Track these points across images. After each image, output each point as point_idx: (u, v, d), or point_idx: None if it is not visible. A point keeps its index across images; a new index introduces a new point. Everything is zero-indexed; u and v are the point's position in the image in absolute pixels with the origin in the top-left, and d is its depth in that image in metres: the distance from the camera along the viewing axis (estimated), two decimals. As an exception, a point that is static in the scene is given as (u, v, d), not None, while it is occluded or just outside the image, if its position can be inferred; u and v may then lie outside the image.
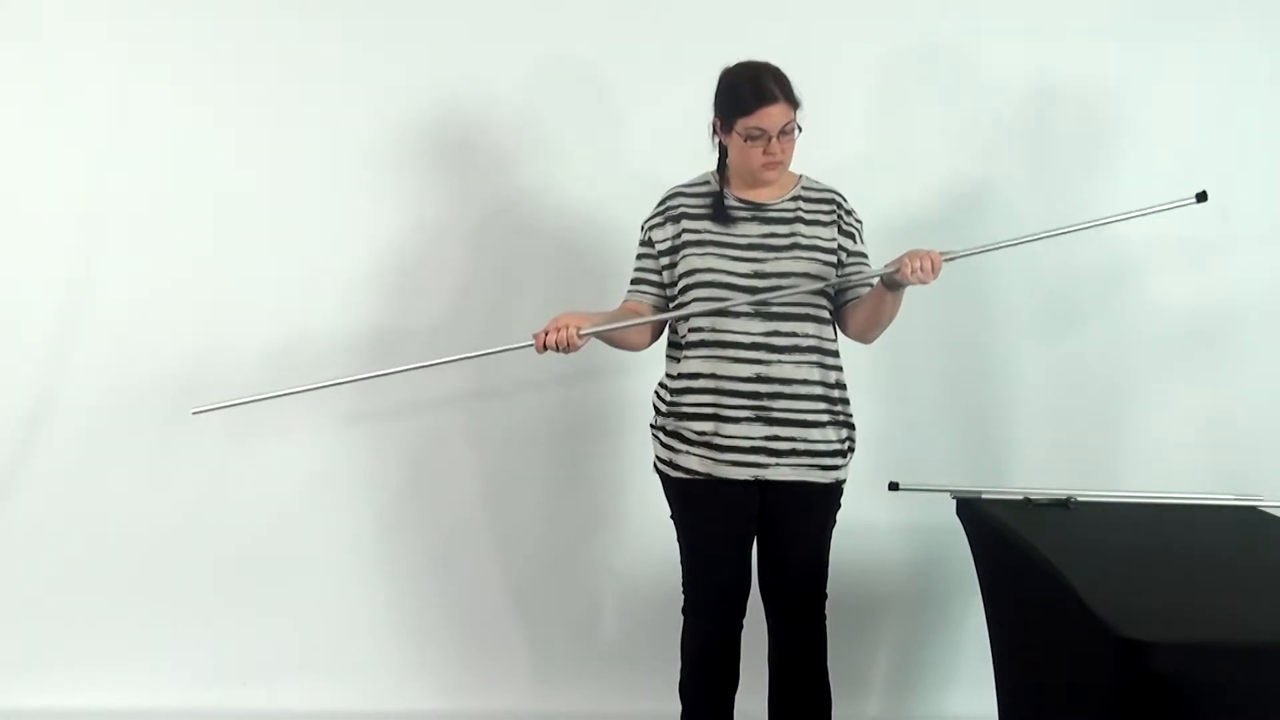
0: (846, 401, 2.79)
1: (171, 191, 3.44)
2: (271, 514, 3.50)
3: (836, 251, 2.74)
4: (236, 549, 3.50)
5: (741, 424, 2.68)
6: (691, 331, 2.72)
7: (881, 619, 3.53)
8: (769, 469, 2.70)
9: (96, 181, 3.44)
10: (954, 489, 2.83)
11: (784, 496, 2.72)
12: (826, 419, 2.72)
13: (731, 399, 2.68)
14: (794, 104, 2.63)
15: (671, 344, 2.80)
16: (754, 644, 2.85)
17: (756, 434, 2.68)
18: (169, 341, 3.45)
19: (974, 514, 2.76)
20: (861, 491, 2.91)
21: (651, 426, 2.84)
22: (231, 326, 3.46)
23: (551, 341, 2.63)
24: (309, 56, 3.41)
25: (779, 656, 2.86)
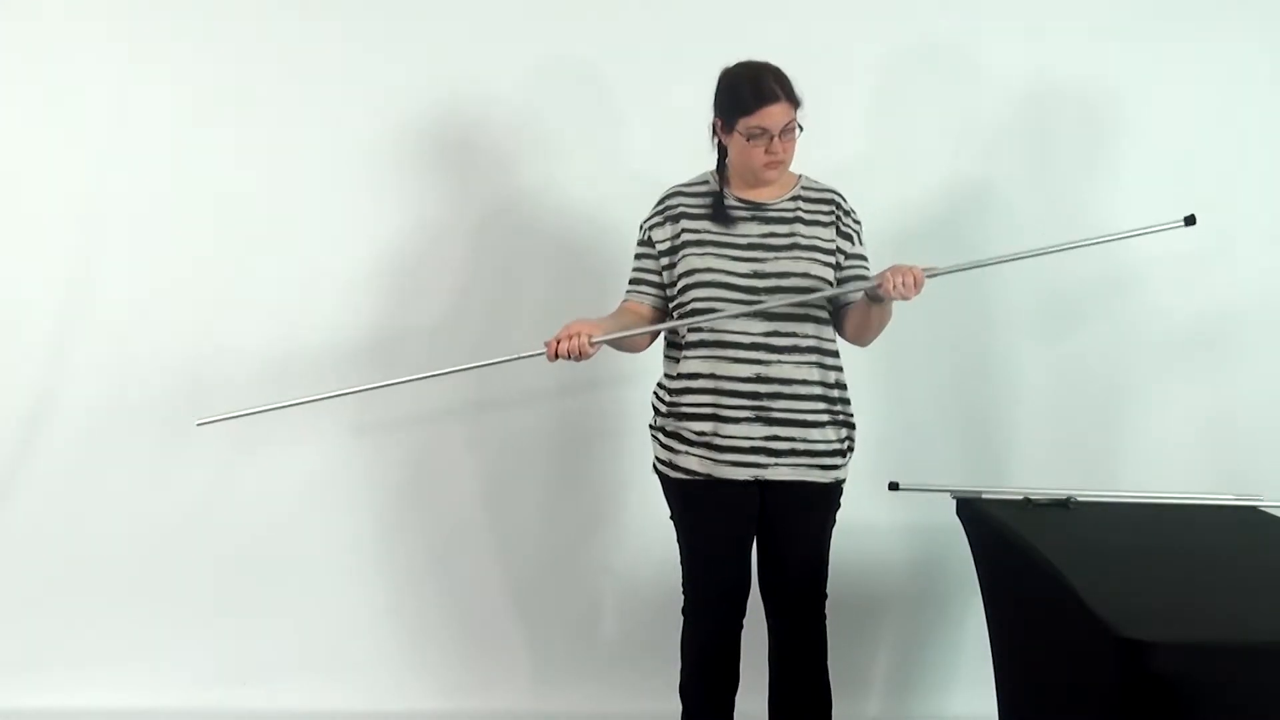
0: (846, 401, 2.79)
1: (171, 191, 3.44)
2: (272, 514, 3.50)
3: (835, 253, 2.74)
4: (237, 549, 3.50)
5: (741, 424, 2.68)
6: (690, 331, 2.72)
7: (881, 619, 3.53)
8: (768, 469, 2.70)
9: (97, 181, 3.44)
10: (954, 489, 2.83)
11: (784, 496, 2.72)
12: (826, 419, 2.73)
13: (731, 399, 2.68)
14: (795, 103, 2.64)
15: (670, 344, 2.80)
16: (754, 644, 2.85)
17: (756, 434, 2.68)
18: (169, 341, 3.45)
19: (974, 514, 2.76)
20: (861, 491, 2.91)
21: (650, 427, 2.84)
22: (232, 326, 3.46)
23: (563, 350, 2.62)
24: (309, 57, 3.41)
25: (779, 656, 2.86)
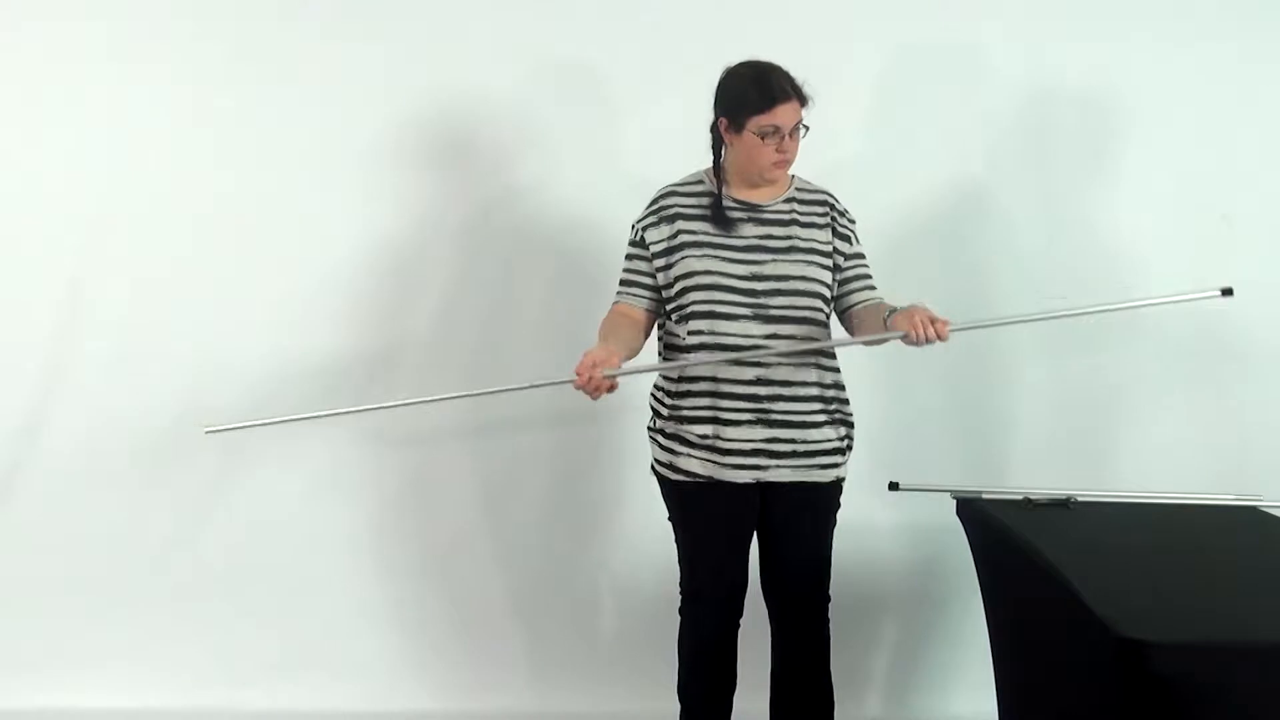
0: (844, 400, 2.80)
1: (170, 192, 3.43)
2: (272, 515, 3.49)
3: (832, 255, 2.74)
4: (237, 549, 3.50)
5: (742, 427, 2.68)
6: (691, 335, 2.71)
7: (881, 619, 3.53)
8: (770, 470, 2.70)
9: (95, 182, 3.43)
10: (954, 489, 2.83)
11: (785, 497, 2.72)
12: (824, 419, 2.73)
13: (731, 401, 2.68)
14: (804, 102, 2.64)
15: (669, 346, 2.79)
16: (752, 643, 2.85)
17: (757, 436, 2.69)
18: (169, 342, 3.45)
19: (974, 514, 2.76)
20: (861, 491, 2.91)
21: (649, 429, 2.84)
22: (232, 326, 3.46)
23: (581, 385, 2.57)
24: (309, 57, 3.40)
25: (782, 657, 2.86)
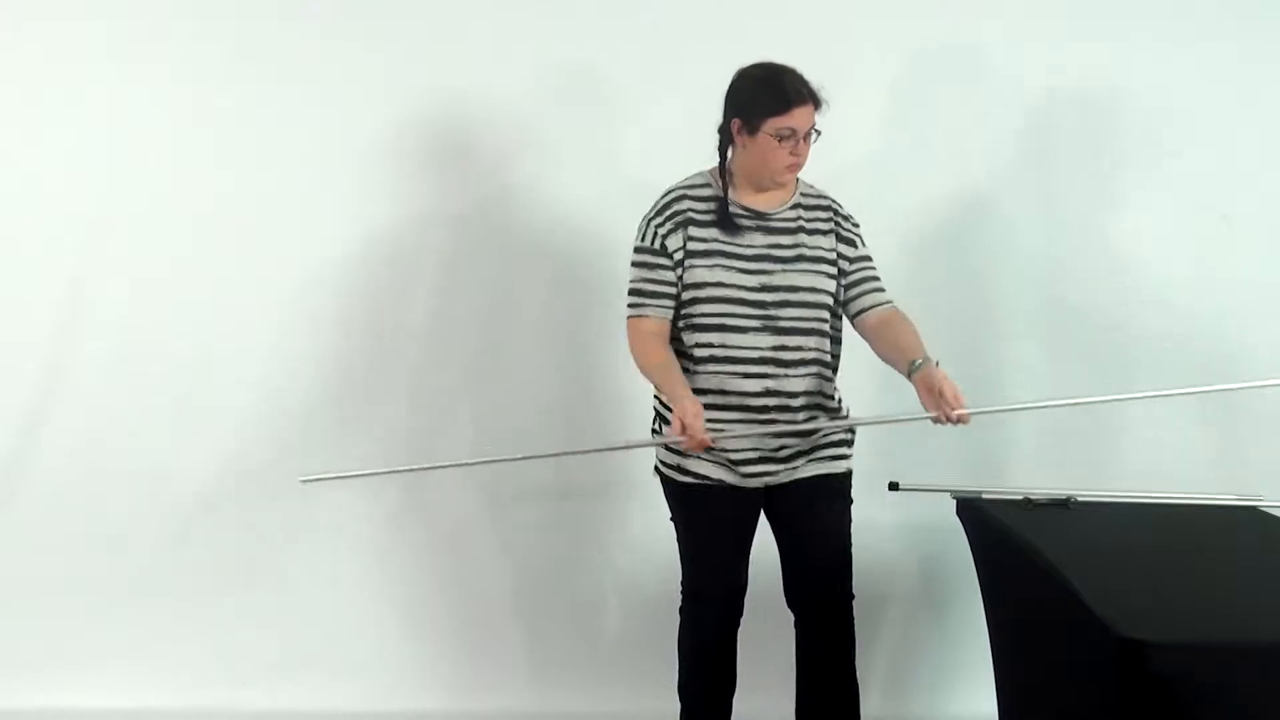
0: (839, 403, 2.79)
1: (170, 191, 3.43)
2: (272, 514, 3.49)
3: (836, 261, 2.72)
4: (237, 549, 3.49)
5: (750, 437, 2.67)
6: (699, 347, 2.68)
7: (881, 619, 3.53)
8: (778, 474, 2.71)
9: (95, 181, 3.43)
10: (954, 489, 2.83)
11: (794, 494, 2.71)
12: (825, 420, 2.73)
13: (739, 414, 2.66)
14: (818, 106, 2.61)
15: (678, 353, 2.73)
16: (753, 644, 2.86)
17: (765, 446, 2.69)
18: (170, 341, 3.45)
19: (974, 514, 2.76)
20: (861, 491, 2.91)
21: (655, 432, 2.83)
22: (231, 326, 3.46)
23: (690, 447, 2.56)
24: (309, 57, 3.40)
25: (810, 659, 2.86)
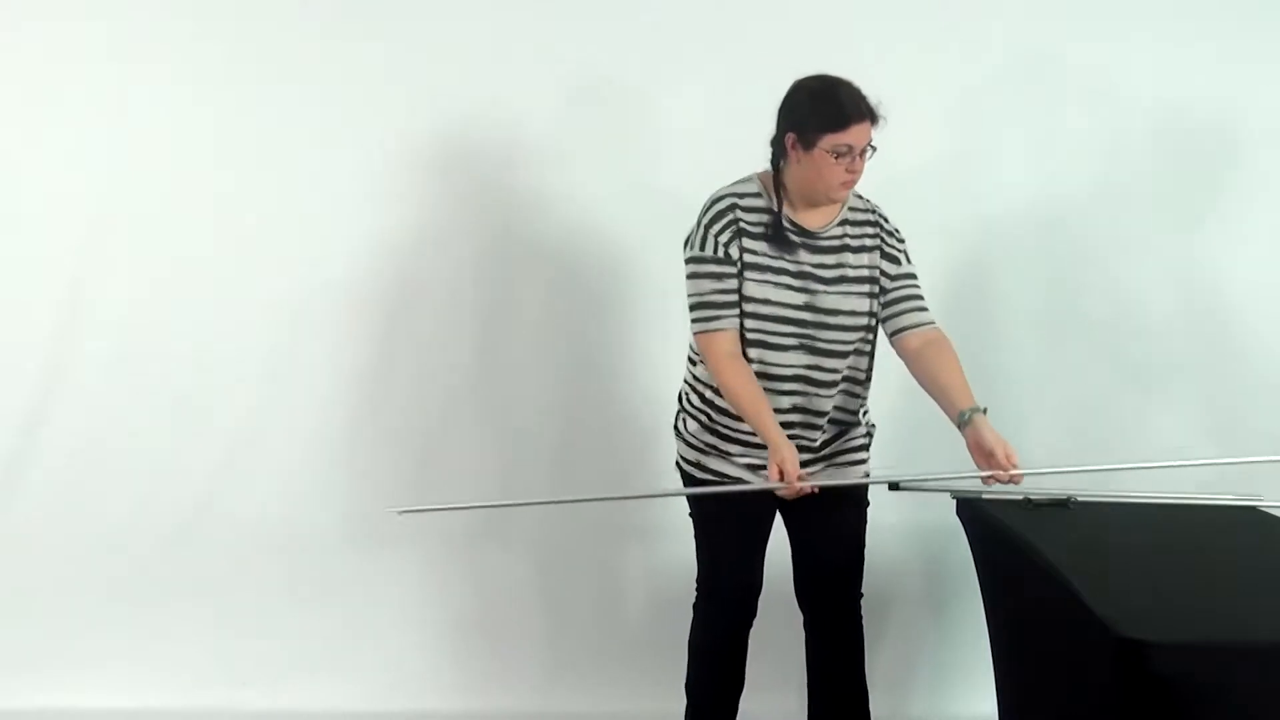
0: (864, 415, 2.81)
1: (171, 191, 3.43)
2: (273, 512, 3.49)
3: (878, 280, 2.68)
4: (238, 547, 3.49)
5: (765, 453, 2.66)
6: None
7: (881, 619, 3.53)
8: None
9: (96, 181, 3.43)
10: (954, 489, 2.83)
11: (817, 496, 2.67)
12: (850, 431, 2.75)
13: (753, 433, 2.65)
14: (876, 121, 2.55)
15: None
16: (759, 643, 2.86)
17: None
18: (170, 341, 3.45)
19: (974, 514, 2.76)
20: (862, 491, 2.92)
21: (678, 429, 2.81)
22: (232, 326, 3.45)
23: (790, 494, 2.54)
24: (310, 57, 3.40)
25: (820, 659, 2.87)
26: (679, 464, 2.82)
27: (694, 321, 2.64)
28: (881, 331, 2.74)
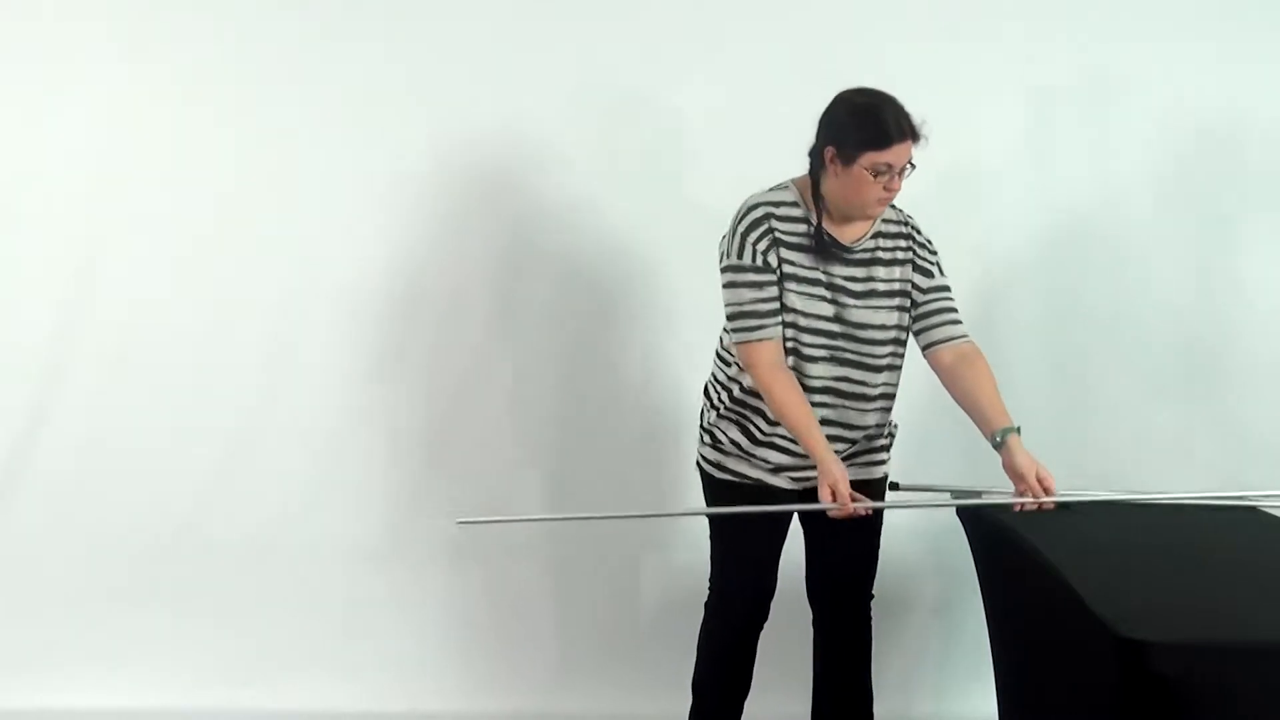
0: (891, 431, 2.80)
1: (172, 191, 3.43)
2: (274, 510, 3.49)
3: (909, 293, 2.67)
4: (239, 546, 3.48)
5: (802, 459, 2.66)
6: None
7: (881, 619, 3.51)
8: (816, 478, 2.69)
9: (97, 181, 3.43)
10: (954, 489, 2.83)
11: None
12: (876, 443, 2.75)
13: (792, 439, 2.65)
14: (917, 140, 2.51)
15: (738, 365, 2.66)
16: (764, 644, 2.86)
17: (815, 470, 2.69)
18: (170, 341, 3.44)
19: (974, 514, 2.76)
20: (861, 491, 2.92)
21: (705, 426, 2.79)
22: (233, 325, 3.45)
23: (843, 514, 2.53)
24: (310, 57, 3.39)
25: (828, 659, 2.87)
26: (699, 464, 2.81)
27: (735, 332, 2.60)
28: (914, 343, 2.73)
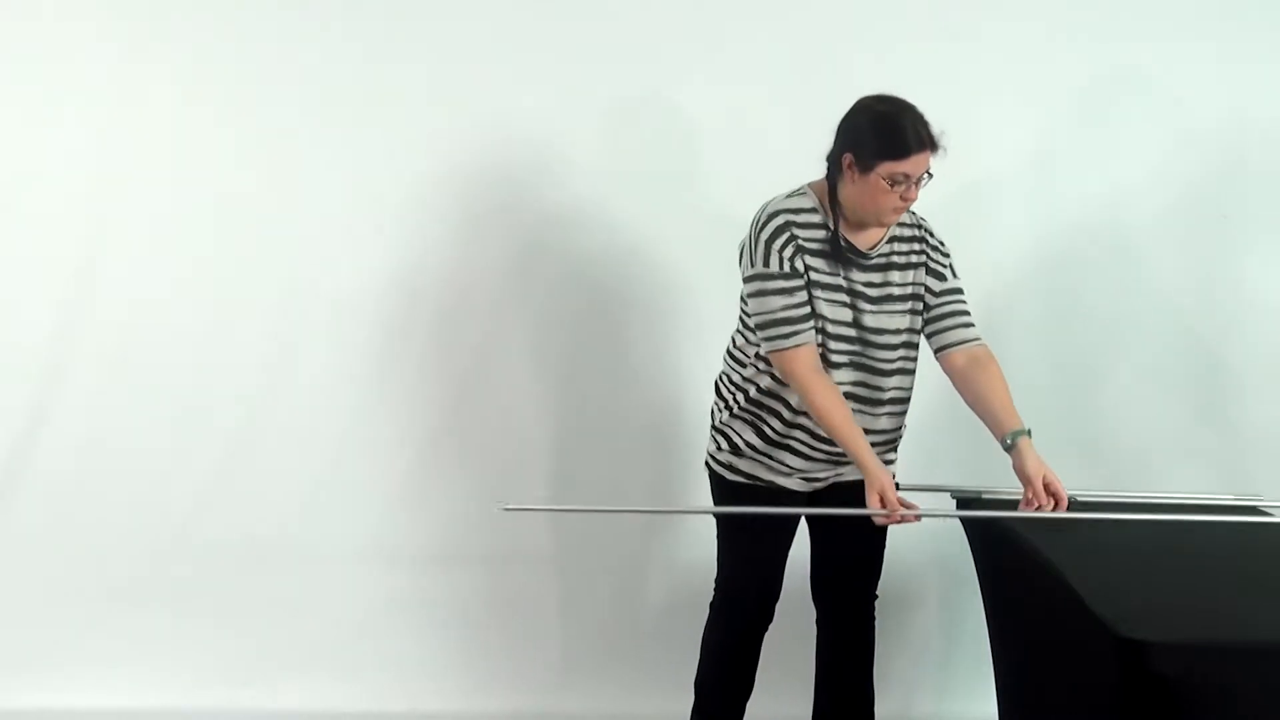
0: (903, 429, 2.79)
1: (172, 191, 3.42)
2: (274, 509, 3.49)
3: (923, 296, 2.67)
4: (239, 547, 3.48)
5: (817, 463, 2.67)
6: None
7: (881, 619, 3.52)
8: (825, 479, 2.73)
9: (97, 182, 3.42)
10: (954, 489, 2.83)
11: (843, 497, 2.69)
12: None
13: (813, 439, 2.65)
14: (935, 150, 2.50)
15: (769, 362, 2.64)
16: (767, 644, 2.86)
17: (828, 472, 2.71)
18: (171, 341, 3.44)
19: (974, 514, 2.76)
20: (862, 491, 2.91)
21: (717, 426, 2.78)
22: (233, 325, 3.45)
23: (891, 521, 2.52)
24: (311, 57, 3.39)
25: (831, 659, 2.88)
26: (708, 463, 2.80)
27: (767, 340, 2.57)
28: (925, 345, 2.73)
